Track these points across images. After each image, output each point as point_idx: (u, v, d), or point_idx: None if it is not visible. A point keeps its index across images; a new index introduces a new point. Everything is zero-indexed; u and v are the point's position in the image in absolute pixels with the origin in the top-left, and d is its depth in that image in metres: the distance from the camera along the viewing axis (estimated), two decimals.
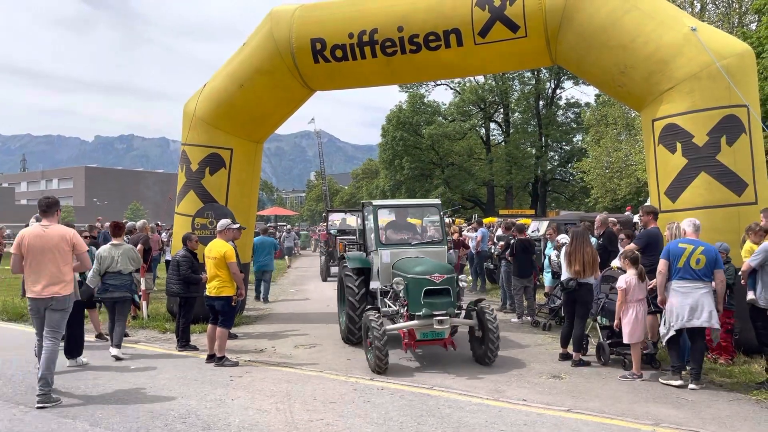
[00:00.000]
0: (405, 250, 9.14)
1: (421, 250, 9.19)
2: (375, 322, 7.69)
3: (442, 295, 7.95)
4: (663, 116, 8.85)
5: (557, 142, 49.85)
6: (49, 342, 6.61)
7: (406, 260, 8.77)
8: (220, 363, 8.27)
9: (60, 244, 6.59)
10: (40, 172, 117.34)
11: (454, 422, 5.90)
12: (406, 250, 9.18)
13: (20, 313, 12.12)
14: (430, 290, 7.92)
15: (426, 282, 7.94)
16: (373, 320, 7.73)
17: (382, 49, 10.29)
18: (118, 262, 8.78)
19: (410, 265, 8.35)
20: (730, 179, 8.35)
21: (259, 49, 11.07)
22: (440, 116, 50.86)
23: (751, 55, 8.93)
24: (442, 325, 7.76)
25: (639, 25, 8.91)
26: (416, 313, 7.88)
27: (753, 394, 6.81)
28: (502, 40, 9.73)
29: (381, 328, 7.64)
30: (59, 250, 6.58)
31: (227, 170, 11.48)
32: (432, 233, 10.81)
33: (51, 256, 6.54)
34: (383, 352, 7.62)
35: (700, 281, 6.98)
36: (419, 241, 9.65)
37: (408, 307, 8.01)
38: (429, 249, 9.31)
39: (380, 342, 7.57)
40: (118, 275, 8.77)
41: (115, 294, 8.75)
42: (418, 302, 7.89)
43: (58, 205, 6.97)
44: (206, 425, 5.84)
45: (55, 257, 6.55)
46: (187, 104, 11.85)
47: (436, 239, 9.80)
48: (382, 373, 7.69)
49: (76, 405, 6.49)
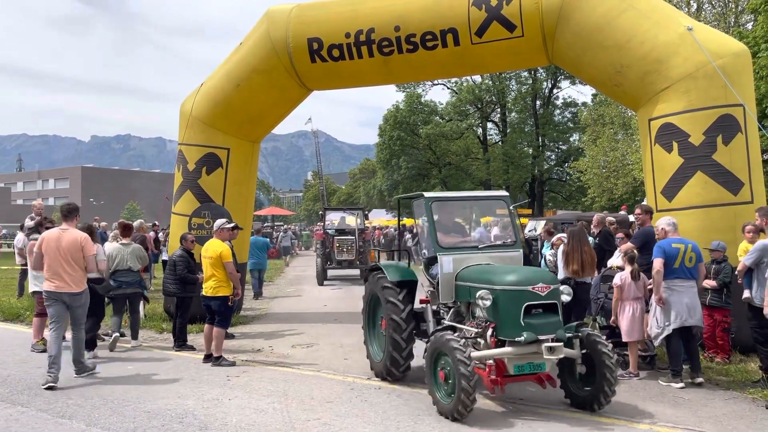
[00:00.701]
0: (469, 256, 7.07)
1: (490, 256, 7.10)
2: (458, 346, 5.68)
3: (548, 313, 6.06)
4: (659, 116, 8.87)
5: (554, 141, 49.88)
6: (75, 332, 7.64)
7: (481, 268, 6.80)
8: (217, 363, 8.26)
9: (72, 246, 7.40)
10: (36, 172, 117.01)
11: (451, 421, 5.90)
12: (471, 256, 7.09)
13: (17, 314, 12.07)
14: (531, 306, 6.00)
15: (527, 295, 5.98)
16: (455, 344, 5.71)
17: (379, 48, 10.29)
18: (128, 260, 9.38)
19: (494, 274, 6.40)
20: (726, 178, 8.37)
21: (256, 49, 11.06)
22: (437, 116, 50.86)
23: (746, 54, 8.96)
24: (554, 354, 5.83)
25: (635, 25, 8.92)
26: (513, 337, 5.93)
27: (749, 392, 6.82)
28: (498, 39, 9.74)
29: (468, 355, 5.66)
30: (71, 252, 7.37)
31: (224, 170, 11.46)
32: (500, 234, 8.62)
33: (66, 256, 7.35)
34: (472, 388, 5.55)
35: (692, 279, 7.10)
36: (485, 244, 7.52)
37: (497, 330, 6.10)
38: (501, 254, 7.17)
39: (467, 370, 5.53)
40: (128, 272, 9.39)
41: (127, 290, 9.37)
42: (514, 323, 5.93)
43: (78, 211, 7.85)
44: (203, 425, 5.83)
45: (68, 258, 7.35)
46: (183, 104, 11.84)
47: (508, 242, 7.50)
48: (461, 420, 5.78)
49: (73, 405, 6.48)
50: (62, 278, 7.29)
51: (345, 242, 19.65)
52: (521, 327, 5.90)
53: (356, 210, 23.04)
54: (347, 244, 19.62)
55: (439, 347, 5.98)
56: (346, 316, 12.61)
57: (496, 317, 6.14)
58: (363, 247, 20.07)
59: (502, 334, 6.05)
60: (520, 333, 5.87)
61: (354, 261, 19.63)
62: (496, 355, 5.97)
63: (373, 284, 7.65)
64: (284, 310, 13.83)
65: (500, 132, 51.06)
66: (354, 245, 19.67)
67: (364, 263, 19.38)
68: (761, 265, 6.89)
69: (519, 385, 7.22)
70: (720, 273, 7.82)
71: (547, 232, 12.21)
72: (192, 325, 10.33)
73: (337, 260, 19.51)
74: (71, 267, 7.34)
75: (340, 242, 19.59)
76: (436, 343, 6.02)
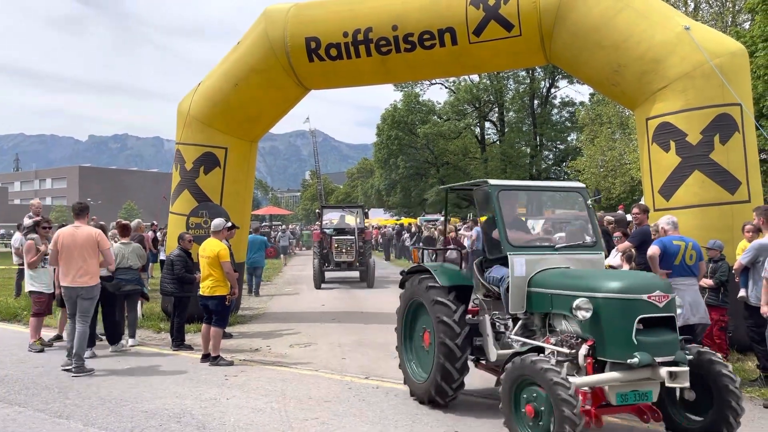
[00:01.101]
0: (544, 258, 5.94)
1: (567, 258, 6.00)
2: (551, 367, 4.58)
3: (664, 329, 4.88)
4: (657, 115, 8.88)
5: (552, 141, 49.95)
6: (80, 325, 7.78)
7: (567, 272, 5.74)
8: (214, 362, 8.25)
9: (87, 242, 7.78)
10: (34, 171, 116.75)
11: (449, 420, 5.91)
12: (547, 257, 5.96)
13: (14, 313, 12.05)
14: (646, 320, 4.82)
15: (642, 306, 4.80)
16: (545, 365, 4.59)
17: (377, 47, 10.28)
18: (128, 258, 9.46)
19: (593, 278, 5.23)
20: (723, 178, 8.39)
21: (254, 48, 11.05)
22: (435, 115, 50.89)
23: (744, 54, 8.98)
24: (677, 382, 4.73)
25: (632, 25, 8.93)
26: (620, 359, 4.77)
27: (747, 391, 6.83)
28: (496, 39, 9.74)
29: (565, 377, 4.53)
30: (87, 247, 7.75)
31: (222, 169, 11.45)
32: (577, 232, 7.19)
33: (80, 252, 7.72)
34: (579, 418, 4.42)
35: (693, 277, 7.07)
36: (562, 244, 6.29)
37: (597, 349, 4.91)
38: (581, 257, 6.07)
39: (569, 394, 4.38)
40: (128, 270, 9.44)
41: (127, 287, 9.40)
42: (624, 340, 4.76)
43: (88, 209, 8.29)
44: (201, 425, 5.83)
45: (83, 253, 7.73)
46: (181, 103, 11.83)
47: (588, 242, 6.28)
48: None
49: (70, 405, 6.47)
50: (77, 273, 7.69)
51: (344, 242, 18.42)
52: (633, 346, 4.72)
53: (356, 208, 21.48)
54: (346, 245, 18.40)
55: (524, 374, 4.75)
56: (344, 315, 12.61)
57: (596, 333, 4.91)
58: (363, 247, 18.88)
59: (606, 354, 4.86)
60: (632, 353, 4.69)
61: (353, 262, 18.52)
62: (603, 382, 4.76)
63: (414, 289, 6.52)
64: (282, 309, 13.82)
65: (498, 131, 51.12)
66: (354, 246, 18.44)
67: (364, 265, 18.51)
68: (757, 264, 6.90)
69: None
70: (717, 272, 7.83)
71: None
72: (190, 325, 10.32)
73: (335, 262, 18.45)
74: (85, 261, 7.72)
75: (339, 242, 18.40)
76: (519, 369, 4.81)
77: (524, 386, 4.82)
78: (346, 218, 21.38)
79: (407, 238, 28.03)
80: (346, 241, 18.52)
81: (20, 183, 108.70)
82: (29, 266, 9.21)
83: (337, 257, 18.42)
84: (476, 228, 16.60)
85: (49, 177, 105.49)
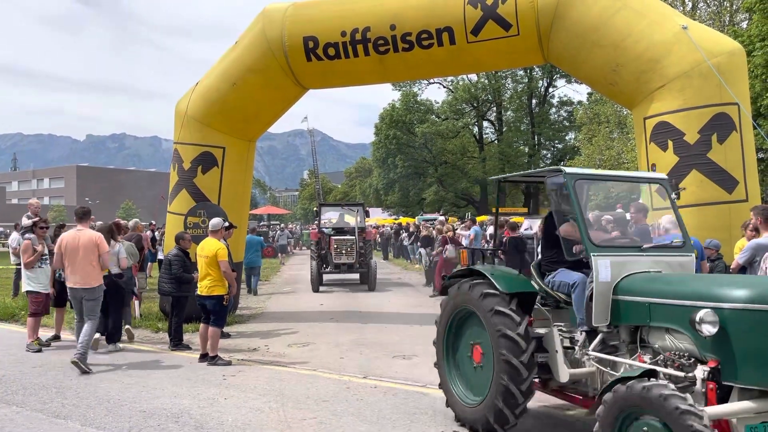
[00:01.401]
0: (632, 260, 5.10)
1: (657, 260, 5.19)
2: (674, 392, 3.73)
3: None
4: (654, 114, 8.89)
5: (550, 140, 50.01)
6: (88, 323, 8.11)
7: (664, 278, 4.88)
8: (212, 362, 8.25)
9: (89, 245, 8.11)
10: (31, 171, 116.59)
11: (447, 420, 5.91)
12: (635, 259, 5.12)
13: (11, 313, 12.04)
14: None
15: None
16: (666, 391, 3.72)
17: (375, 47, 10.28)
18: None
19: (714, 285, 4.33)
20: (721, 177, 8.40)
21: (252, 48, 11.05)
22: (433, 115, 50.90)
23: (741, 53, 8.99)
24: None
25: (630, 24, 8.94)
26: (756, 384, 3.94)
27: None
28: (494, 38, 9.75)
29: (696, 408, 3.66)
30: (88, 250, 8.08)
31: (220, 169, 11.44)
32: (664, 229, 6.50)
33: (83, 254, 8.05)
34: None
35: None
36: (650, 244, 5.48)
37: (723, 372, 4.05)
38: (670, 259, 5.29)
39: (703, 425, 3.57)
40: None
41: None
42: (762, 361, 3.92)
43: (90, 214, 8.72)
44: (199, 424, 5.82)
45: (86, 256, 8.06)
46: (179, 103, 11.81)
47: (676, 242, 5.55)
48: None
49: (68, 405, 6.46)
50: (80, 274, 8.04)
51: (344, 243, 17.35)
52: None
53: (356, 206, 20.06)
54: (346, 245, 17.31)
55: (637, 403, 3.84)
56: (343, 315, 12.61)
57: (722, 352, 4.04)
58: (364, 248, 17.82)
59: (737, 379, 3.98)
60: None
61: (354, 264, 17.41)
62: (738, 413, 3.92)
63: (463, 296, 5.62)
64: (280, 309, 13.81)
65: (496, 131, 51.16)
66: (354, 246, 17.35)
67: (365, 266, 17.49)
68: (754, 263, 6.91)
69: None
70: (713, 271, 7.84)
71: None
72: (188, 325, 10.31)
73: (334, 263, 17.31)
74: (89, 263, 8.07)
75: (338, 243, 17.29)
76: (628, 398, 3.89)
77: (634, 418, 3.90)
78: (346, 217, 20.42)
79: (405, 238, 28.05)
80: (345, 242, 17.43)
81: (18, 182, 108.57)
82: (26, 266, 9.20)
83: (336, 258, 17.28)
84: (474, 227, 16.62)
85: (46, 176, 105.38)
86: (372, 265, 17.44)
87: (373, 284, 17.31)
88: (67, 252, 8.07)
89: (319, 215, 19.86)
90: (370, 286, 17.28)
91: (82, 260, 8.02)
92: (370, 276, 17.30)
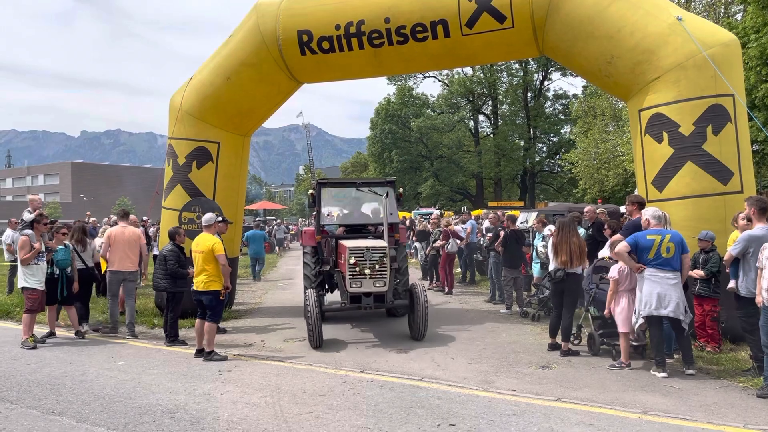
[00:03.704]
0: None
1: None
2: None
3: None
4: (649, 106, 8.88)
5: (545, 133, 50.05)
6: (128, 300, 10.22)
7: None
8: (208, 357, 8.23)
9: (132, 238, 10.28)
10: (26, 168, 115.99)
11: (443, 413, 5.91)
12: None
13: (6, 310, 11.98)
14: None
15: None
16: None
17: (369, 40, 10.23)
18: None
19: None
20: (716, 168, 8.40)
21: (246, 42, 10.98)
22: (429, 108, 50.89)
23: (736, 44, 8.97)
24: None
25: (624, 16, 8.92)
26: None
27: (739, 381, 6.87)
28: (489, 30, 9.71)
29: None
30: (132, 242, 10.26)
31: (214, 164, 11.40)
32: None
33: (128, 245, 10.19)
34: None
35: (670, 271, 7.06)
36: None
37: None
38: None
39: None
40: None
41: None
42: None
43: (129, 214, 11.10)
44: (195, 420, 5.81)
45: (130, 246, 10.22)
46: (173, 98, 11.75)
47: None
48: None
49: (63, 401, 6.44)
50: (125, 261, 10.13)
51: (366, 254, 9.08)
52: None
53: (383, 185, 10.91)
54: (372, 258, 9.10)
55: None
56: None
57: None
58: (400, 261, 10.62)
59: None
60: None
61: (385, 295, 9.23)
62: None
63: None
64: (276, 304, 13.80)
65: (492, 124, 51.19)
66: (385, 259, 9.17)
67: (405, 295, 10.09)
68: (747, 255, 6.91)
69: (513, 376, 7.24)
70: (708, 263, 7.85)
71: (541, 222, 12.24)
72: (184, 320, 10.29)
73: (349, 293, 9.19)
74: (134, 252, 10.26)
75: (356, 254, 9.07)
76: None
77: None
78: (364, 206, 12.14)
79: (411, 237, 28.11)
80: (369, 252, 9.12)
81: (12, 179, 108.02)
82: (23, 263, 9.15)
83: (352, 284, 9.11)
84: (470, 221, 16.60)
85: (41, 173, 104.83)
86: (419, 293, 9.30)
87: (423, 329, 9.28)
88: (114, 243, 10.08)
89: (318, 203, 10.79)
90: (419, 333, 9.30)
91: (127, 249, 10.14)
92: (419, 316, 9.21)
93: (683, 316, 7.04)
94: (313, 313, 8.85)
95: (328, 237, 10.78)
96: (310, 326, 8.90)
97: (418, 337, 9.33)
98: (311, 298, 9.01)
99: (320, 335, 8.96)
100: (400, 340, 9.39)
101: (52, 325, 9.95)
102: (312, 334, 8.90)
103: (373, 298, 9.20)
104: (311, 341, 8.95)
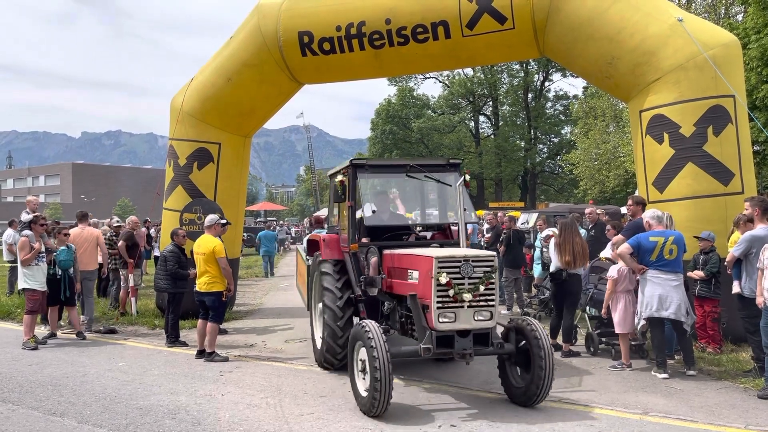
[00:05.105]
0: None
1: None
2: None
3: None
4: (650, 107, 8.88)
5: (546, 134, 50.07)
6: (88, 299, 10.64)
7: None
8: (210, 358, 8.24)
9: (89, 238, 10.70)
10: (27, 169, 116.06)
11: (444, 414, 5.90)
12: None
13: (7, 311, 12.00)
14: None
15: None
16: None
17: (370, 41, 10.24)
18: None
19: None
20: (716, 169, 8.40)
21: (247, 43, 10.99)
22: (429, 109, 50.90)
23: (737, 45, 8.98)
24: None
25: (625, 17, 8.92)
26: None
27: (741, 382, 6.87)
28: (489, 32, 9.70)
29: None
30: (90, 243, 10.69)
31: (215, 165, 11.40)
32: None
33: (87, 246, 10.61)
34: None
35: (672, 273, 7.06)
36: None
37: None
38: None
39: None
40: None
41: None
42: None
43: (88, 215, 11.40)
44: (196, 421, 5.81)
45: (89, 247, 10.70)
46: (174, 99, 11.76)
47: None
48: None
49: (64, 402, 6.44)
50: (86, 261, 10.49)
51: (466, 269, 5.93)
52: None
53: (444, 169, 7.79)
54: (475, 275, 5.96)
55: None
56: None
57: None
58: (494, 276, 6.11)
59: None
60: None
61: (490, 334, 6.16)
62: None
63: None
64: (277, 305, 13.80)
65: (492, 125, 51.19)
66: (494, 278, 6.06)
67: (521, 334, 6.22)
68: (750, 255, 6.91)
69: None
70: (708, 263, 7.84)
71: (545, 222, 12.26)
72: (185, 321, 10.30)
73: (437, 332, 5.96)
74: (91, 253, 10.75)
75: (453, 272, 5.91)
76: None
77: None
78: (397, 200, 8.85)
79: None
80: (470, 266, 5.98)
81: (13, 180, 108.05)
82: (23, 264, 9.15)
83: (442, 317, 5.93)
84: None
85: (42, 174, 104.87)
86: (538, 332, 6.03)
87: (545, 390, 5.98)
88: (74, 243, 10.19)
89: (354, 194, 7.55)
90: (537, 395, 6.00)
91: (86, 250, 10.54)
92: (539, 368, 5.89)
93: (685, 318, 7.04)
94: (383, 362, 5.50)
95: (370, 246, 7.25)
96: (376, 382, 5.49)
97: (533, 403, 6.03)
98: (377, 338, 5.65)
99: (389, 397, 5.57)
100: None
101: (54, 326, 9.96)
102: (378, 395, 5.53)
103: (472, 339, 6.02)
104: (371, 406, 5.66)
